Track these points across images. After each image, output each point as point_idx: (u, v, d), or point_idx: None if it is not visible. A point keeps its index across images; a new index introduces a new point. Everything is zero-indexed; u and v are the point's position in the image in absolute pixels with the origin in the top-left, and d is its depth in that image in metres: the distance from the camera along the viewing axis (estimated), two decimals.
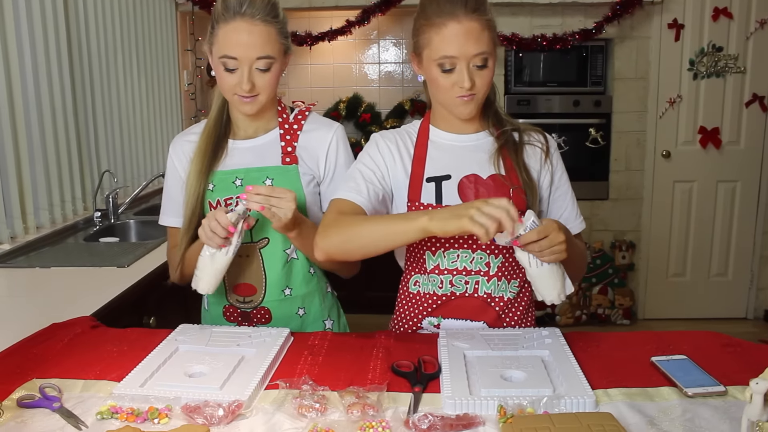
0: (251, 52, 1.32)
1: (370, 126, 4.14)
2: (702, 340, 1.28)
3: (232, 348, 1.23)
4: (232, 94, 1.37)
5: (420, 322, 1.40)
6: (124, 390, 1.06)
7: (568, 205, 1.42)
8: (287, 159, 1.44)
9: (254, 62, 1.33)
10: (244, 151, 1.46)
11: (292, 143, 1.46)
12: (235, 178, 1.43)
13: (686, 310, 4.02)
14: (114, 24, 2.95)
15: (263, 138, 1.47)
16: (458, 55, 1.26)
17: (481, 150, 1.38)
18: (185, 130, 1.55)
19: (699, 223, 3.95)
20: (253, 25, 1.32)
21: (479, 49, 1.26)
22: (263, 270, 1.45)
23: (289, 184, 1.42)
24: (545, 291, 1.22)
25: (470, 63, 1.26)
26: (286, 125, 1.47)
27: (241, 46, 1.32)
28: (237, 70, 1.34)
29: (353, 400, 1.01)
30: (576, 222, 1.42)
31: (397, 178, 1.38)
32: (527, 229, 1.15)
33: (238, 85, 1.34)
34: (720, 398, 1.04)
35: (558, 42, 3.69)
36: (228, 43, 1.33)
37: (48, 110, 2.39)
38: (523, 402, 1.00)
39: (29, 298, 1.76)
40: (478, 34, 1.25)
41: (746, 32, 3.71)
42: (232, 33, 1.32)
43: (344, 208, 1.30)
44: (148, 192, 3.13)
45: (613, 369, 1.15)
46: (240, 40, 1.32)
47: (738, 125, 3.82)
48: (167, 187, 1.54)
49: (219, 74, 1.37)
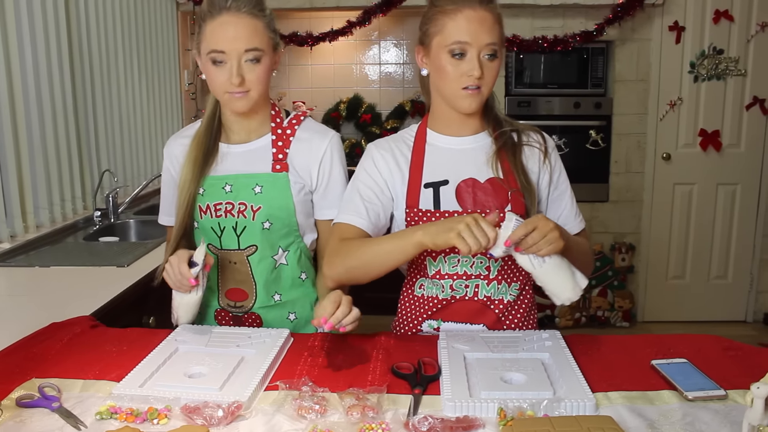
0: (239, 44, 1.31)
1: (370, 127, 4.14)
2: (703, 343, 1.28)
3: (232, 349, 1.23)
4: (223, 92, 1.36)
5: (420, 324, 1.40)
6: (124, 390, 1.06)
7: (567, 204, 1.41)
8: (277, 166, 1.43)
9: (243, 55, 1.32)
10: (236, 156, 1.45)
11: (284, 150, 1.44)
12: (225, 183, 1.42)
13: (686, 312, 4.01)
14: (115, 23, 2.94)
15: (255, 143, 1.46)
16: (471, 41, 1.26)
17: (479, 153, 1.37)
18: (178, 132, 1.54)
19: (699, 225, 3.95)
20: (239, 18, 1.32)
21: (492, 39, 1.27)
22: (252, 276, 1.44)
23: (279, 192, 1.41)
24: (557, 289, 1.20)
25: (481, 52, 1.27)
26: (278, 130, 1.46)
27: (228, 39, 1.31)
28: (225, 65, 1.33)
29: (353, 402, 1.01)
30: (576, 221, 1.41)
31: (395, 187, 1.37)
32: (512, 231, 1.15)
33: (227, 80, 1.33)
34: (720, 402, 1.04)
35: (559, 44, 3.69)
36: (215, 37, 1.32)
37: (48, 109, 2.39)
38: (523, 405, 1.00)
39: (29, 297, 1.76)
40: (492, 24, 1.28)
41: (747, 35, 3.71)
42: (218, 27, 1.32)
43: (346, 233, 1.34)
44: (148, 191, 3.12)
45: (613, 372, 1.15)
46: (227, 33, 1.31)
47: (738, 128, 3.82)
48: (162, 187, 1.56)
49: (208, 72, 1.36)
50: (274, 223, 1.41)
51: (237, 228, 1.41)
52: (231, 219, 1.41)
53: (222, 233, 1.42)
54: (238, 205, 1.41)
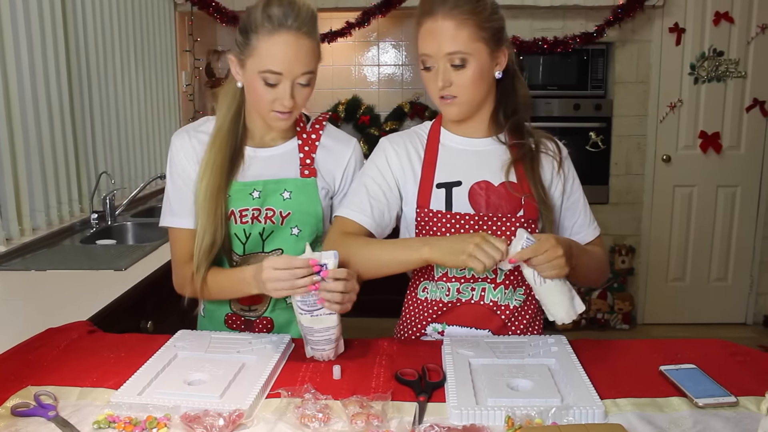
0: (296, 67, 1.26)
1: (369, 128, 4.12)
2: (709, 348, 1.26)
3: (233, 355, 1.20)
4: (268, 110, 1.30)
5: (424, 328, 1.38)
6: (122, 398, 1.04)
7: (581, 212, 1.40)
8: (306, 172, 1.40)
9: (298, 77, 1.27)
10: (262, 160, 1.40)
11: (311, 155, 1.41)
12: (253, 189, 1.37)
13: (686, 314, 4.00)
14: (112, 24, 2.92)
15: (281, 147, 1.42)
16: (431, 53, 1.25)
17: (493, 155, 1.35)
18: (190, 126, 1.43)
19: (699, 227, 3.93)
20: (299, 39, 1.25)
21: (453, 48, 1.23)
22: None
23: (308, 198, 1.38)
24: (552, 309, 1.21)
25: (446, 62, 1.24)
26: (304, 135, 1.42)
27: (288, 60, 1.25)
28: (278, 86, 1.27)
29: (357, 410, 0.99)
30: (590, 229, 1.41)
31: (406, 185, 1.35)
32: (522, 248, 1.16)
33: (278, 101, 1.28)
34: (731, 409, 1.02)
35: (559, 45, 3.68)
36: (272, 57, 1.25)
37: (45, 110, 2.36)
38: (531, 412, 0.98)
39: (25, 301, 1.73)
40: (453, 32, 1.22)
41: (747, 37, 3.70)
42: (277, 47, 1.24)
43: (348, 228, 1.32)
44: (146, 194, 3.10)
45: (621, 378, 1.13)
46: (287, 54, 1.25)
47: (738, 130, 3.81)
48: (174, 185, 1.40)
49: (256, 88, 1.28)
50: (303, 229, 1.38)
51: (264, 234, 1.38)
52: (258, 225, 1.37)
53: (247, 240, 1.38)
54: (265, 211, 1.37)
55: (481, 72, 1.26)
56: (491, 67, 1.28)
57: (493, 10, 1.27)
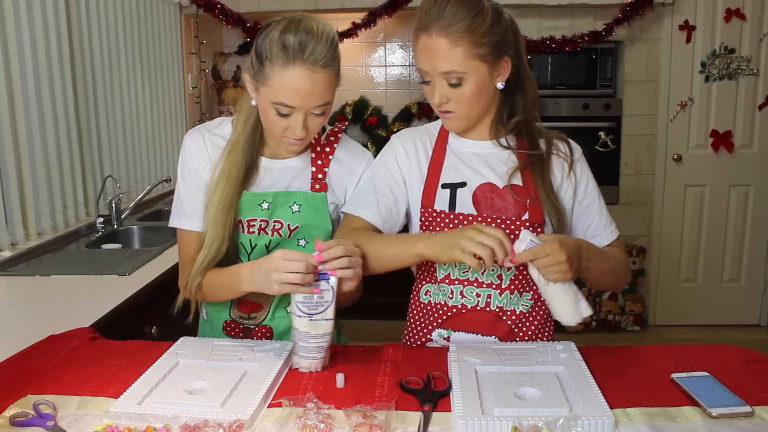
0: (310, 101, 1.22)
1: (376, 129, 4.10)
2: (724, 355, 1.23)
3: (234, 362, 1.18)
4: (280, 136, 1.28)
5: (429, 333, 1.35)
6: (121, 408, 1.02)
7: (595, 216, 1.36)
8: (317, 186, 1.37)
9: (312, 109, 1.24)
10: (275, 171, 1.37)
11: (323, 169, 1.38)
12: (263, 200, 1.34)
13: (698, 316, 3.95)
14: (117, 27, 2.91)
15: (295, 160, 1.38)
16: (428, 70, 1.23)
17: (498, 159, 1.33)
18: (203, 127, 1.40)
19: (711, 227, 3.88)
20: (315, 73, 1.19)
21: (447, 68, 1.20)
22: None
23: (316, 212, 1.36)
24: (557, 311, 1.19)
25: (442, 80, 1.21)
26: (318, 147, 1.39)
27: (302, 96, 1.20)
28: (291, 116, 1.23)
29: (360, 420, 0.97)
30: (606, 232, 1.37)
31: (412, 184, 1.35)
32: (526, 249, 1.13)
33: (290, 129, 1.25)
34: (747, 419, 0.99)
35: (567, 44, 3.64)
36: (286, 91, 1.20)
37: (50, 114, 2.36)
38: (538, 423, 0.95)
39: (30, 307, 1.73)
40: (447, 51, 1.18)
41: (759, 34, 3.65)
42: (290, 81, 1.19)
43: (356, 225, 1.33)
44: (152, 197, 3.09)
45: (631, 386, 1.10)
46: (300, 88, 1.20)
47: (751, 128, 3.76)
48: (186, 186, 1.37)
49: (269, 116, 1.25)
50: (310, 242, 1.36)
51: (270, 246, 1.35)
52: (265, 237, 1.35)
53: (252, 250, 1.36)
54: (273, 223, 1.35)
55: (479, 88, 1.23)
56: (491, 80, 1.24)
57: (494, 21, 1.20)
